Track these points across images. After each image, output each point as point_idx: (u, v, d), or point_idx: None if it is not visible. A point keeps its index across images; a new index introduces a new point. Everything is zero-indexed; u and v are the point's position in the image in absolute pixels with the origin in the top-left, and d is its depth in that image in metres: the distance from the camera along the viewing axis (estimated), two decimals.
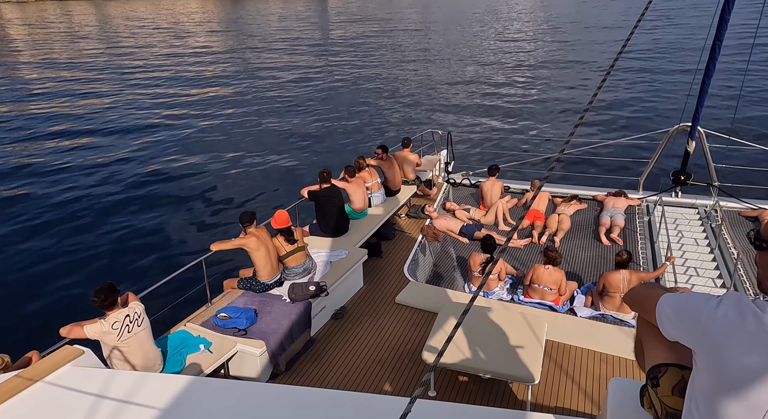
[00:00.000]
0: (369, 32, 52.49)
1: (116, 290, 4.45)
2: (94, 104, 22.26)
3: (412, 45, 41.77)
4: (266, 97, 23.54)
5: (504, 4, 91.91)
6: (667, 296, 1.60)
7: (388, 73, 29.02)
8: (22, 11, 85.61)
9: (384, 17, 71.20)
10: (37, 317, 7.48)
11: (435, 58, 34.51)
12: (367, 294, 6.55)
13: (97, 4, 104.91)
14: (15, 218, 10.70)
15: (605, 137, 15.60)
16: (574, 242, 8.01)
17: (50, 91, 25.39)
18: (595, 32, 42.47)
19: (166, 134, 17.47)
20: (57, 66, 32.97)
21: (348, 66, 31.85)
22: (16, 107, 21.40)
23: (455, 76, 27.70)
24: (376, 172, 8.27)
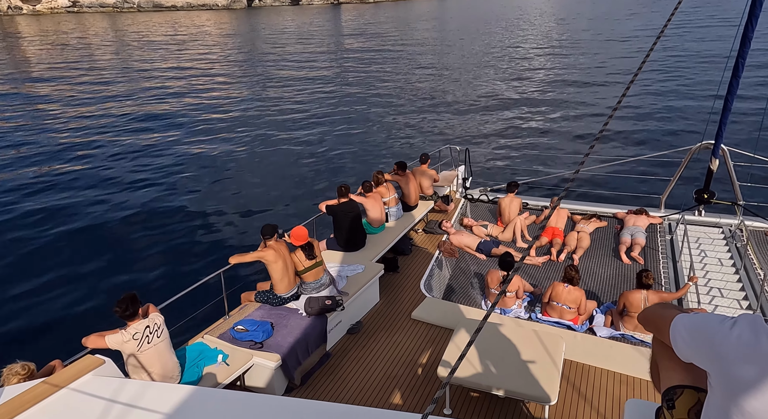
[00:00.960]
0: (383, 46, 52.79)
1: (138, 301, 4.51)
2: (111, 115, 22.77)
3: (427, 60, 41.84)
4: (283, 110, 23.77)
5: (520, 20, 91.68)
6: (682, 316, 1.57)
7: (405, 88, 29.10)
8: (38, 23, 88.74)
9: (397, 31, 71.56)
10: (59, 326, 7.65)
11: (452, 73, 34.50)
12: (383, 310, 6.50)
13: (111, 17, 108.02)
14: (39, 228, 10.99)
15: (625, 154, 15.30)
16: (593, 260, 7.85)
17: (66, 100, 26.12)
18: (615, 48, 41.92)
19: (185, 147, 17.77)
20: (72, 76, 33.91)
21: (364, 80, 32.05)
22: (34, 118, 22.00)
23: (473, 91, 27.62)
24: (393, 187, 8.25)
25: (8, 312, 8.09)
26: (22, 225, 11.09)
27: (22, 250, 9.99)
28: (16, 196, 12.85)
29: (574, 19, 79.78)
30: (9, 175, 14.85)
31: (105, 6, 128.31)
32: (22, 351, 4.43)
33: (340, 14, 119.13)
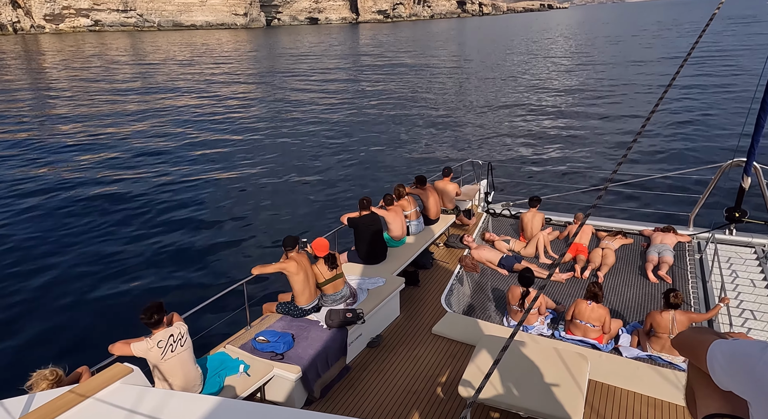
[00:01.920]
0: (403, 62, 53.63)
1: (163, 309, 4.64)
2: (133, 129, 23.55)
3: (448, 75, 42.34)
4: (305, 125, 24.29)
5: (542, 37, 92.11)
6: (719, 342, 1.53)
7: (427, 102, 29.45)
8: (61, 41, 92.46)
9: (417, 48, 72.71)
10: (85, 332, 7.89)
11: (474, 88, 34.80)
12: (403, 323, 6.53)
13: (131, 35, 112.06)
14: (67, 239, 11.42)
15: (653, 170, 15.18)
16: (619, 278, 7.77)
17: (90, 116, 27.09)
18: (643, 64, 41.80)
19: (208, 159, 18.28)
20: (92, 93, 35.18)
21: (385, 95, 32.55)
22: (55, 132, 22.83)
23: (496, 106, 27.80)
24: (415, 201, 8.35)
25: (38, 317, 8.41)
26: (48, 236, 11.54)
27: (52, 259, 10.40)
28: (43, 207, 13.36)
29: (596, 38, 79.91)
30: (41, 184, 15.48)
31: (126, 25, 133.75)
32: (50, 356, 4.59)
33: (358, 32, 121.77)
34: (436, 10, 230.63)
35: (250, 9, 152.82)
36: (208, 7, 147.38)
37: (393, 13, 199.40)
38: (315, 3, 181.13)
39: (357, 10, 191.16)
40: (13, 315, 8.48)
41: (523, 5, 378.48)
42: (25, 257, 10.50)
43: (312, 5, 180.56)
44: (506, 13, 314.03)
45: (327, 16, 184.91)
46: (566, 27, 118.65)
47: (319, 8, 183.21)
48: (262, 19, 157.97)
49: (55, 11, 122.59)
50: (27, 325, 8.18)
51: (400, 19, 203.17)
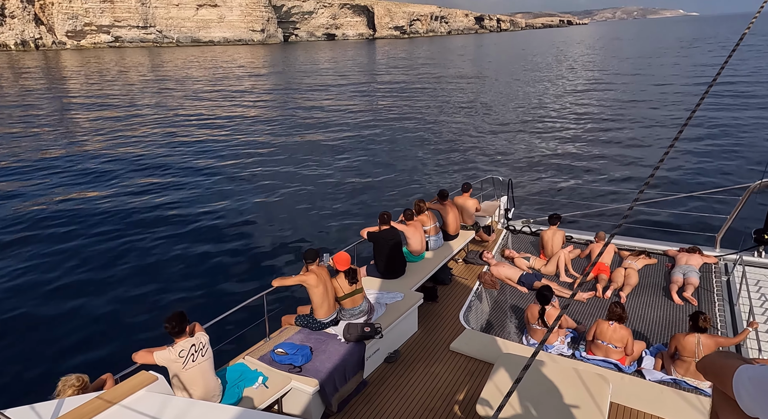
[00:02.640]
0: (421, 77, 54.35)
1: (186, 319, 4.80)
2: (156, 143, 24.20)
3: (468, 90, 42.75)
4: (325, 139, 24.76)
5: (563, 53, 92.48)
6: (746, 367, 1.51)
7: (447, 117, 29.77)
8: (81, 56, 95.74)
9: (434, 64, 73.71)
10: (109, 340, 8.15)
11: (495, 103, 35.08)
12: (421, 339, 6.59)
13: (150, 51, 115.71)
14: (90, 251, 11.81)
15: (678, 189, 15.07)
16: (642, 299, 7.73)
17: (108, 130, 27.87)
18: (670, 83, 41.65)
19: (229, 173, 18.73)
20: (112, 106, 36.23)
21: (405, 111, 33.01)
22: (75, 147, 23.54)
23: (517, 122, 27.98)
24: (434, 216, 8.46)
25: (65, 325, 8.72)
26: (72, 248, 11.94)
27: (76, 270, 10.79)
28: (62, 219, 13.82)
29: (618, 55, 79.95)
30: (65, 195, 16.07)
31: (145, 41, 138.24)
32: (76, 363, 4.76)
33: (375, 48, 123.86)
34: (454, 26, 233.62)
35: (267, 25, 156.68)
36: (226, 23, 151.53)
37: (410, 30, 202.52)
38: (332, 19, 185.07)
39: (374, 26, 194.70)
40: (40, 324, 8.81)
41: (542, 21, 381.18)
42: (52, 268, 10.92)
43: (329, 21, 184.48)
44: (524, 29, 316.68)
45: (344, 32, 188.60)
46: (586, 43, 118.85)
47: (337, 24, 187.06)
48: (279, 35, 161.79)
49: (77, 28, 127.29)
50: (54, 333, 8.49)
51: (417, 35, 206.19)
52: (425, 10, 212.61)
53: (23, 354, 7.94)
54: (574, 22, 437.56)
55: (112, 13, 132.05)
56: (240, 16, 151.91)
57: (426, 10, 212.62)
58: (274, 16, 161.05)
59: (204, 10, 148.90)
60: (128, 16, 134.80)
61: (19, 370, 7.48)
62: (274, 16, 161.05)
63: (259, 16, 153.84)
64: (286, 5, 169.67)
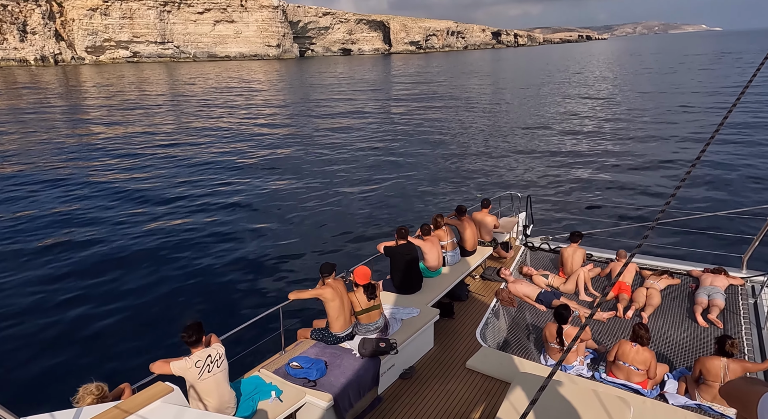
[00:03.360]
0: (438, 92, 54.92)
1: (202, 329, 4.92)
2: (172, 156, 24.78)
3: (486, 105, 43.03)
4: (343, 153, 25.12)
5: (584, 68, 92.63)
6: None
7: (465, 132, 29.99)
8: (99, 71, 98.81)
9: (451, 79, 74.47)
10: (126, 350, 8.36)
11: (512, 118, 35.25)
12: (436, 356, 6.61)
13: (168, 66, 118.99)
14: (111, 262, 12.19)
15: (703, 207, 14.92)
16: (665, 320, 7.65)
17: (127, 143, 28.60)
18: (694, 97, 41.46)
19: (249, 186, 19.10)
20: (130, 122, 37.18)
21: (423, 125, 33.36)
22: (94, 162, 24.17)
23: (536, 137, 28.07)
24: (452, 231, 8.54)
25: (85, 334, 9.01)
26: (96, 257, 12.38)
27: (99, 281, 11.14)
28: (81, 231, 14.22)
29: (638, 69, 79.81)
30: (84, 206, 16.57)
31: (162, 56, 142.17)
32: (95, 371, 4.89)
33: (390, 63, 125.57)
34: (470, 41, 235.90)
35: (283, 40, 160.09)
36: (242, 38, 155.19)
37: (425, 45, 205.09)
38: (348, 34, 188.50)
39: (389, 41, 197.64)
40: (61, 332, 9.11)
41: (560, 36, 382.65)
42: (74, 278, 11.29)
43: (345, 37, 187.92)
44: (542, 44, 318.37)
45: (360, 47, 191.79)
46: (605, 59, 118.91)
47: (353, 40, 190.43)
48: (294, 50, 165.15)
49: (97, 43, 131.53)
50: (76, 341, 8.78)
51: (433, 50, 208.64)
52: (441, 25, 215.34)
53: (46, 361, 8.21)
54: (594, 37, 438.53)
55: (131, 29, 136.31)
56: (256, 31, 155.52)
57: (442, 26, 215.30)
58: (290, 32, 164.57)
59: (221, 26, 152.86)
60: (146, 32, 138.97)
61: (41, 376, 7.75)
62: (290, 32, 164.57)
63: (275, 31, 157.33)
64: (303, 21, 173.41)
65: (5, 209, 16.61)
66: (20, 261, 12.25)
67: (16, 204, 17.01)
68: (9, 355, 8.40)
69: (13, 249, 13.05)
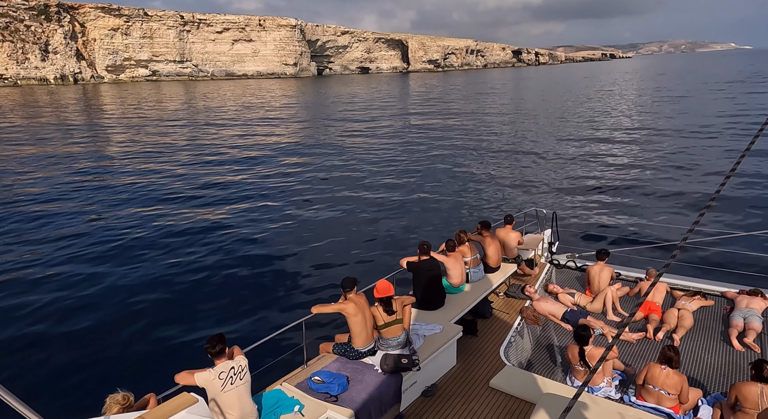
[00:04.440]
0: (460, 109, 55.40)
1: (225, 341, 5.06)
2: (196, 171, 25.37)
3: (509, 121, 43.35)
4: (365, 169, 25.49)
5: (607, 84, 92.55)
6: None
7: (489, 147, 30.21)
8: (119, 89, 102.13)
9: (472, 95, 75.13)
10: (152, 361, 8.66)
11: (537, 134, 35.43)
12: (459, 374, 6.63)
13: (186, 84, 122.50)
14: (134, 274, 12.58)
15: (738, 226, 14.71)
16: (697, 343, 7.56)
17: (146, 158, 29.34)
18: (727, 111, 41.08)
19: (271, 201, 19.55)
20: (150, 138, 38.16)
21: (447, 141, 33.77)
22: (113, 177, 24.85)
23: (562, 153, 28.13)
24: (476, 247, 8.61)
25: (113, 345, 9.35)
26: (117, 272, 12.73)
27: (123, 294, 11.53)
28: (105, 243, 14.74)
29: (666, 87, 79.42)
30: (109, 219, 17.11)
31: (181, 75, 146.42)
32: (121, 381, 5.06)
33: (408, 81, 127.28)
34: (490, 60, 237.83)
35: (300, 59, 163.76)
36: (260, 57, 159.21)
37: (444, 63, 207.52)
38: (367, 53, 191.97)
39: (408, 59, 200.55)
40: (90, 342, 9.46)
41: (583, 55, 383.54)
42: (101, 289, 11.72)
43: (364, 55, 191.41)
44: (564, 62, 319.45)
45: (378, 66, 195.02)
46: (629, 77, 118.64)
47: (371, 58, 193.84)
48: (311, 69, 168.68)
49: (117, 62, 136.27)
50: (102, 351, 9.11)
51: (452, 68, 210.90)
52: (460, 43, 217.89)
53: (75, 370, 8.53)
54: (618, 55, 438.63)
55: (150, 48, 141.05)
56: (274, 50, 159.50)
57: (461, 44, 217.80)
58: (308, 50, 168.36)
59: (239, 45, 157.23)
60: (166, 51, 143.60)
61: (70, 384, 8.08)
62: (308, 50, 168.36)
63: (293, 50, 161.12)
64: (321, 40, 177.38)
65: (34, 216, 17.43)
66: (46, 268, 12.74)
67: (63, 205, 17.77)
68: (39, 363, 8.74)
69: (46, 255, 13.63)
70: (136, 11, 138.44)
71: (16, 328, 9.96)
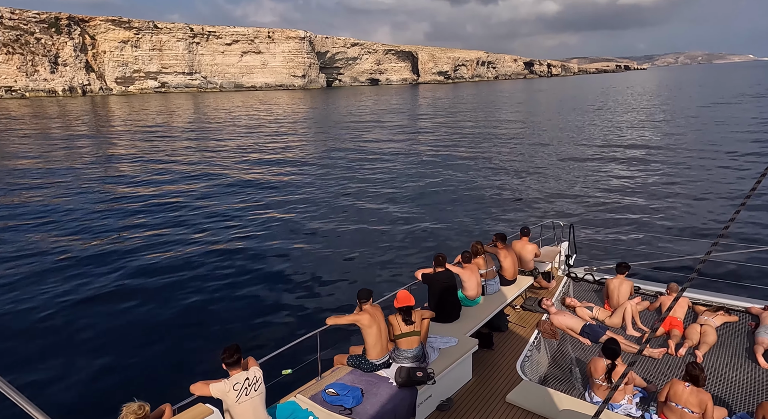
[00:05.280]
0: (475, 120, 55.68)
1: (240, 351, 5.14)
2: (211, 185, 25.68)
3: (524, 133, 43.55)
4: (380, 179, 25.75)
5: (625, 95, 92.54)
6: None
7: (504, 161, 30.31)
8: (128, 101, 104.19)
9: (485, 107, 75.48)
10: (166, 369, 8.82)
11: (553, 146, 35.52)
12: (475, 388, 6.62)
13: (195, 96, 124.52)
14: (152, 287, 12.82)
15: (762, 240, 14.56)
16: (721, 360, 7.49)
17: (160, 172, 29.74)
18: (751, 129, 40.83)
19: (286, 212, 19.78)
20: (160, 151, 38.73)
21: (461, 152, 33.99)
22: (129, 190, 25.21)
23: (579, 164, 28.16)
24: (492, 260, 8.64)
25: (130, 356, 9.51)
26: (131, 284, 12.96)
27: (139, 305, 11.75)
28: (119, 255, 15.01)
29: (684, 98, 79.26)
30: (121, 231, 17.42)
31: (190, 87, 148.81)
32: (137, 391, 5.14)
33: (418, 92, 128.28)
34: (501, 71, 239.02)
35: (309, 70, 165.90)
36: (268, 69, 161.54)
37: (454, 75, 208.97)
38: (377, 64, 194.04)
39: (418, 71, 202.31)
40: (107, 352, 9.65)
41: (597, 66, 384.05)
42: (115, 300, 11.93)
43: (373, 67, 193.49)
44: (577, 74, 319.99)
45: (388, 78, 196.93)
46: (643, 90, 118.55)
47: (381, 70, 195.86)
48: (320, 81, 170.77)
49: (126, 74, 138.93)
50: (121, 361, 9.29)
51: (462, 80, 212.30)
52: (471, 55, 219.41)
53: (92, 379, 8.70)
54: (632, 67, 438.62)
55: (160, 60, 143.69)
56: (282, 62, 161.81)
57: (472, 56, 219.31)
58: (316, 62, 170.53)
59: (248, 57, 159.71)
60: (175, 63, 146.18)
61: (87, 393, 8.21)
62: (316, 62, 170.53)
63: (301, 62, 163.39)
64: (331, 51, 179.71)
65: (50, 224, 17.90)
66: (65, 280, 13.01)
67: (68, 218, 18.22)
68: (56, 372, 8.92)
69: (60, 268, 13.96)
70: (146, 24, 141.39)
71: (40, 333, 10.32)
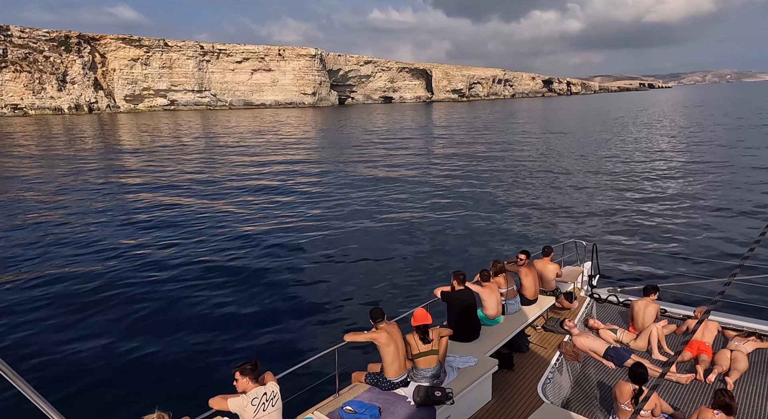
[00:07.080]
0: (494, 138, 56.13)
1: (258, 367, 5.34)
2: (225, 198, 26.17)
3: (545, 150, 43.83)
4: (397, 196, 26.09)
5: (647, 113, 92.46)
6: None
7: (524, 179, 30.50)
8: (136, 118, 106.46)
9: (503, 124, 75.93)
10: (186, 382, 9.08)
11: (577, 164, 35.67)
12: (495, 410, 6.71)
13: (204, 113, 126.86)
14: (172, 297, 13.28)
15: None
16: (753, 388, 7.47)
17: (168, 188, 30.32)
18: None
19: (304, 228, 20.17)
20: (169, 167, 39.49)
21: (481, 170, 34.27)
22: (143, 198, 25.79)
23: (603, 183, 28.20)
24: (512, 279, 8.78)
25: (150, 364, 9.84)
26: (151, 297, 13.35)
27: (157, 316, 12.13)
28: (140, 269, 15.45)
29: (710, 117, 79.10)
30: (138, 244, 17.88)
31: (199, 104, 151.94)
32: (156, 400, 5.35)
33: (432, 111, 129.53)
34: (519, 89, 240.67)
35: (319, 88, 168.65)
36: (278, 87, 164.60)
37: (469, 93, 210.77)
38: (390, 82, 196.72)
39: (432, 89, 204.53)
40: (129, 362, 9.97)
41: (619, 84, 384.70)
42: (134, 314, 12.26)
43: (387, 84, 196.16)
44: (598, 92, 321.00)
45: (401, 95, 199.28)
46: (664, 108, 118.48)
47: (394, 87, 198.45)
48: (330, 98, 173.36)
49: (136, 92, 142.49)
50: (141, 373, 9.57)
51: (477, 98, 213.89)
52: (487, 73, 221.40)
53: (112, 388, 8.95)
54: (657, 85, 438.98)
55: (169, 78, 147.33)
56: (293, 79, 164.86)
57: (488, 73, 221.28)
58: (327, 80, 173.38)
59: (258, 75, 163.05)
60: (185, 81, 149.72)
61: (109, 403, 8.46)
62: (327, 80, 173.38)
63: (312, 79, 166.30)
64: (343, 69, 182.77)
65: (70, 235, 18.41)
66: (97, 294, 13.45)
67: (85, 231, 18.57)
68: (78, 380, 9.21)
69: (82, 277, 14.45)
70: (157, 42, 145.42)
71: (63, 340, 10.70)
